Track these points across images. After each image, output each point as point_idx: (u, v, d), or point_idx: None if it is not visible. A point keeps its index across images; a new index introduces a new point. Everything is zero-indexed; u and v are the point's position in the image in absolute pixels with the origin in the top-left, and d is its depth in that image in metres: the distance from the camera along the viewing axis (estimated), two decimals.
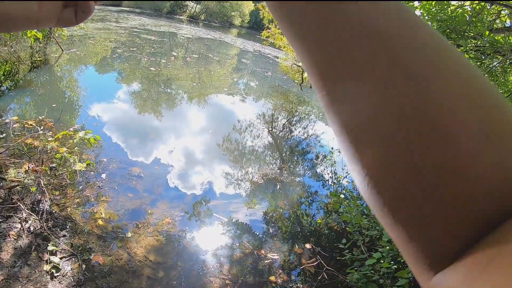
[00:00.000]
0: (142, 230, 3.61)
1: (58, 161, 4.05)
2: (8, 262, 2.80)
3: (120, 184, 4.22)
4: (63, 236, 3.22)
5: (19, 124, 4.68)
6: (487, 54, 4.18)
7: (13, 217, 3.22)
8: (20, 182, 3.60)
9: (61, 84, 7.63)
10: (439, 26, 4.48)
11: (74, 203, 3.67)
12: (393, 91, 0.20)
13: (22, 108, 5.66)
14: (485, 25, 4.68)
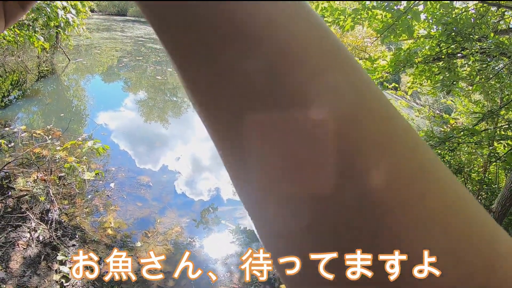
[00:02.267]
0: (152, 239, 3.58)
1: (66, 171, 4.05)
2: (17, 272, 2.78)
3: (128, 193, 4.20)
4: (72, 246, 3.20)
5: (27, 133, 4.69)
6: (493, 56, 4.15)
7: (22, 226, 3.20)
8: (29, 191, 3.60)
9: (68, 93, 7.67)
10: (444, 30, 4.46)
11: (83, 212, 3.66)
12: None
13: (30, 118, 5.69)
14: (490, 27, 4.66)
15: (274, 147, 0.16)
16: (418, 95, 19.27)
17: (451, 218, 0.15)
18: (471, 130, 3.84)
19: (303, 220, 0.16)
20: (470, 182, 5.29)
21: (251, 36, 0.16)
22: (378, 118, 0.16)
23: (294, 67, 0.16)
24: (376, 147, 0.16)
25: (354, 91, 0.17)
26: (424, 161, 0.16)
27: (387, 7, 4.44)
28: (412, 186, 0.15)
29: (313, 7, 2.01)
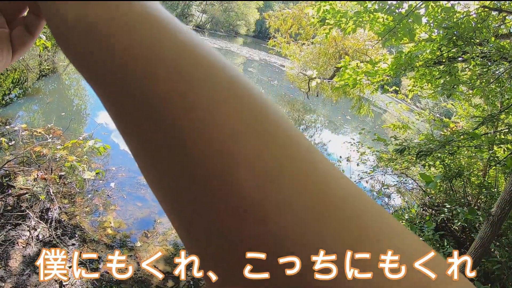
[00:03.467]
0: (151, 239, 3.58)
1: (67, 170, 4.05)
2: (17, 270, 2.78)
3: (129, 193, 4.20)
4: (72, 245, 3.20)
5: (27, 132, 4.69)
6: (494, 61, 4.16)
7: (22, 225, 3.21)
8: (29, 190, 3.60)
9: (69, 92, 7.67)
10: (445, 33, 4.46)
11: (83, 212, 3.66)
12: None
13: (30, 116, 5.69)
14: (491, 31, 4.66)
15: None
16: (418, 99, 19.28)
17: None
18: (471, 134, 3.84)
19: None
20: (469, 185, 5.29)
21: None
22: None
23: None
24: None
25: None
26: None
27: (389, 10, 4.44)
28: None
29: (315, 10, 2.02)
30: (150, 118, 0.18)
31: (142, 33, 0.19)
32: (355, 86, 5.50)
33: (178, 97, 0.18)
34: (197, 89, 0.18)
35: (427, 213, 5.46)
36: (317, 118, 12.76)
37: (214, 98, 0.18)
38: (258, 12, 42.17)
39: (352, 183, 0.18)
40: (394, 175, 6.52)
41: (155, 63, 0.19)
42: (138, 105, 0.18)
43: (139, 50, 0.19)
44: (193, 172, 0.17)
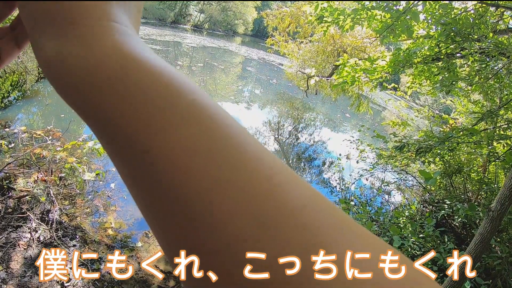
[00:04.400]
0: (152, 240, 3.59)
1: (67, 171, 4.05)
2: (18, 272, 2.79)
3: (129, 193, 4.20)
4: (73, 246, 3.21)
5: (27, 134, 4.69)
6: (492, 56, 4.16)
7: (23, 227, 3.21)
8: (30, 192, 3.60)
9: None
10: (443, 30, 4.46)
11: (83, 213, 3.66)
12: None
13: (30, 118, 5.69)
14: (489, 27, 4.66)
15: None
16: (417, 95, 19.28)
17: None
18: (470, 130, 3.85)
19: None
20: (469, 181, 5.29)
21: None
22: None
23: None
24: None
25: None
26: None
27: (386, 7, 4.44)
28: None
29: (312, 7, 2.02)
30: (121, 142, 0.20)
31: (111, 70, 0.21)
32: (353, 83, 5.50)
33: (141, 125, 0.20)
34: (156, 117, 0.20)
35: (427, 210, 5.46)
36: (317, 116, 12.75)
37: (170, 123, 0.20)
38: (256, 11, 42.12)
39: (311, 191, 0.19)
40: (394, 172, 6.52)
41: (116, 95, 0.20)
42: (107, 128, 0.20)
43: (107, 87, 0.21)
44: (154, 186, 0.19)
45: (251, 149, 0.20)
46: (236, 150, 0.19)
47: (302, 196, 0.18)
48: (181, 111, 0.20)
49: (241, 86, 14.27)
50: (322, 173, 7.35)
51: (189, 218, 0.17)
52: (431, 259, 3.92)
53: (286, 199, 0.18)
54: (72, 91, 0.21)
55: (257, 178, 0.18)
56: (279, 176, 0.19)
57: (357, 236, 0.18)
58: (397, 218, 4.74)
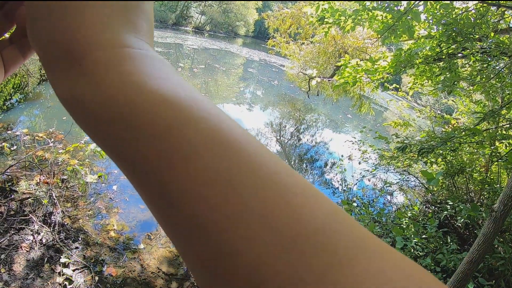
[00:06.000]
0: (154, 242, 3.59)
1: (69, 173, 4.06)
2: (21, 274, 2.79)
3: (131, 195, 4.21)
4: (75, 248, 3.21)
5: (29, 136, 4.70)
6: (493, 56, 4.15)
7: (25, 229, 3.21)
8: (32, 194, 3.60)
9: None
10: (444, 30, 4.46)
11: (86, 215, 3.67)
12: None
13: (32, 121, 5.70)
14: (490, 26, 4.65)
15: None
16: (419, 96, 19.26)
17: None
18: (472, 130, 3.84)
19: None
20: (472, 182, 5.28)
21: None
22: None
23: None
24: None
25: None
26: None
27: (388, 8, 4.44)
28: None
29: (313, 9, 2.02)
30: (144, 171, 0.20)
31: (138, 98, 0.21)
32: (355, 84, 5.50)
33: (155, 158, 0.20)
34: (170, 149, 0.20)
35: (430, 210, 5.45)
36: (318, 117, 12.75)
37: (185, 154, 0.20)
38: (257, 12, 42.14)
39: (331, 208, 0.19)
40: (396, 173, 6.51)
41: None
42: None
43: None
44: (178, 214, 0.19)
45: (268, 168, 0.20)
46: (253, 174, 0.19)
47: (322, 215, 0.18)
48: (196, 140, 0.20)
49: (243, 87, 14.28)
50: (324, 174, 7.34)
51: (214, 248, 0.18)
52: (434, 260, 3.91)
53: (305, 222, 0.18)
54: (90, 128, 0.22)
55: (277, 203, 0.18)
56: (299, 198, 0.19)
57: (376, 255, 0.17)
58: (400, 219, 4.73)
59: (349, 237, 0.18)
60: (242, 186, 0.19)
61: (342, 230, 0.18)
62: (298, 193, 0.19)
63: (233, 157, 0.20)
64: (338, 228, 0.18)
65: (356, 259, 0.16)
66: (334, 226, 0.18)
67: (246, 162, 0.20)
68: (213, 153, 0.20)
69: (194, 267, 0.19)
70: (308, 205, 0.19)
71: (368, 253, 0.17)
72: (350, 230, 0.18)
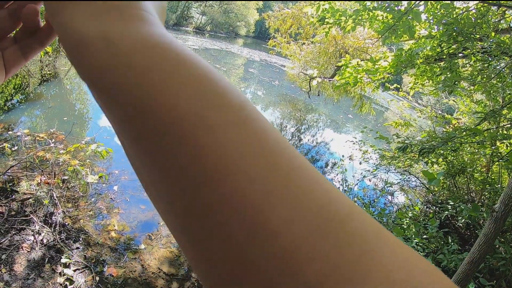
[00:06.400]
0: (155, 242, 3.59)
1: (70, 174, 4.06)
2: (22, 274, 2.79)
3: (132, 196, 4.21)
4: (76, 249, 3.21)
5: (30, 137, 4.71)
6: (494, 56, 4.15)
7: (26, 230, 3.22)
8: (33, 194, 3.61)
9: (71, 97, 7.69)
10: (445, 30, 4.45)
11: (86, 215, 3.67)
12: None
13: (33, 121, 5.71)
14: (490, 26, 4.65)
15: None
16: (420, 96, 19.24)
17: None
18: (473, 130, 3.84)
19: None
20: (473, 182, 5.28)
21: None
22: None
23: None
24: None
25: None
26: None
27: (388, 8, 4.44)
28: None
29: (314, 9, 2.02)
30: (169, 140, 0.18)
31: (160, 59, 0.20)
32: (356, 84, 5.50)
33: (197, 120, 0.18)
34: (213, 112, 0.19)
35: (431, 211, 5.45)
36: (319, 117, 12.74)
37: (228, 121, 0.19)
38: (258, 12, 42.19)
39: (350, 201, 0.18)
40: (397, 173, 6.50)
41: (172, 86, 0.19)
42: (157, 125, 0.19)
43: (157, 73, 0.20)
44: (208, 193, 0.17)
45: (294, 153, 0.19)
46: (286, 155, 0.19)
47: (348, 202, 0.18)
48: (232, 111, 0.19)
49: (244, 87, 14.28)
50: (325, 174, 7.32)
51: (251, 226, 0.16)
52: (435, 260, 3.90)
53: (336, 206, 0.17)
54: (109, 74, 0.20)
55: (311, 184, 0.18)
56: (327, 183, 0.19)
57: (397, 245, 0.17)
58: (401, 219, 4.72)
59: (374, 225, 0.17)
60: (280, 161, 0.18)
61: (366, 218, 0.18)
62: (323, 178, 0.19)
63: (266, 133, 0.19)
64: (363, 216, 0.18)
65: (384, 248, 0.16)
66: (360, 214, 0.18)
67: (278, 142, 0.19)
68: (252, 127, 0.19)
69: (216, 255, 0.17)
70: (335, 190, 0.18)
71: (391, 243, 0.17)
72: (371, 221, 0.18)
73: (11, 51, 0.35)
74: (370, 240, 0.16)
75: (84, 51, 0.21)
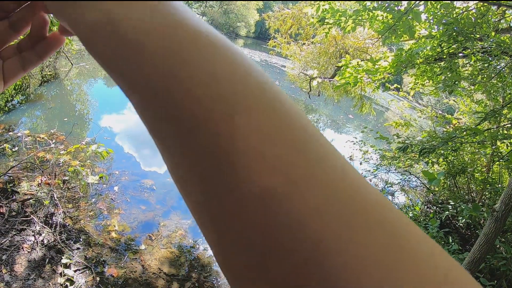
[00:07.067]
0: (155, 242, 3.59)
1: (70, 174, 4.06)
2: (22, 275, 2.79)
3: (132, 196, 4.21)
4: (76, 249, 3.21)
5: (31, 137, 4.71)
6: (494, 56, 4.14)
7: (27, 230, 3.22)
8: (33, 195, 3.61)
9: (71, 97, 7.70)
10: (445, 30, 4.45)
11: (87, 216, 3.67)
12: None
13: (33, 122, 5.71)
14: (490, 26, 4.65)
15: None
16: (420, 96, 19.22)
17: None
18: (473, 130, 3.83)
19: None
20: (473, 182, 5.27)
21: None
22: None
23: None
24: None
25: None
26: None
27: (388, 8, 4.44)
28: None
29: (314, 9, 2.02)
30: (187, 123, 0.18)
31: (173, 38, 0.20)
32: (356, 84, 5.49)
33: (219, 101, 0.18)
34: (236, 94, 0.18)
35: (431, 211, 5.44)
36: (320, 118, 12.75)
37: (250, 106, 0.18)
38: (258, 13, 42.20)
39: (376, 190, 0.18)
40: (398, 173, 6.50)
41: (184, 65, 0.19)
42: (177, 109, 0.19)
43: (171, 55, 0.19)
44: (234, 183, 0.17)
45: (322, 140, 0.19)
46: (315, 142, 0.18)
47: (374, 190, 0.18)
48: (257, 93, 0.19)
49: None
50: None
51: (277, 216, 0.16)
52: None
53: (364, 196, 0.17)
54: (118, 58, 0.20)
55: (338, 173, 0.17)
56: (354, 172, 0.18)
57: (422, 238, 0.17)
58: None
59: (399, 216, 0.17)
60: (306, 149, 0.17)
61: (391, 208, 0.17)
62: (349, 166, 0.19)
63: (295, 119, 0.19)
64: (388, 206, 0.17)
65: (411, 242, 0.16)
66: (385, 203, 0.17)
67: (305, 128, 0.19)
68: (280, 112, 0.18)
69: (239, 245, 0.17)
70: (361, 179, 0.18)
71: (416, 236, 0.17)
72: (395, 209, 0.17)
73: (12, 61, 0.35)
74: (397, 232, 0.16)
75: (91, 32, 0.21)
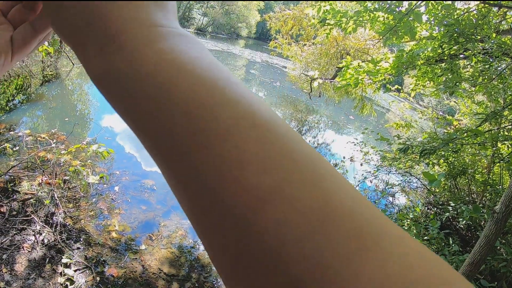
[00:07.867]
0: (156, 242, 3.59)
1: (71, 174, 4.07)
2: (22, 274, 2.80)
3: (133, 196, 4.22)
4: (77, 249, 3.21)
5: (32, 137, 4.72)
6: (495, 57, 4.14)
7: (27, 230, 3.22)
8: (34, 195, 3.61)
9: (73, 97, 7.71)
10: (446, 31, 4.45)
11: (87, 216, 3.67)
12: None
13: (34, 122, 5.72)
14: (491, 27, 4.65)
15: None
16: (421, 97, 19.21)
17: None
18: (474, 131, 3.83)
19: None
20: (474, 183, 5.27)
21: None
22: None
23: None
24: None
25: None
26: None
27: (389, 9, 4.44)
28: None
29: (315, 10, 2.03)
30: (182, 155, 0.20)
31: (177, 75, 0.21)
32: (357, 85, 5.49)
33: (186, 135, 0.20)
34: (198, 128, 0.20)
35: (432, 212, 5.44)
36: (320, 119, 12.74)
37: (219, 134, 0.20)
38: (259, 14, 42.18)
39: (356, 194, 0.19)
40: (398, 174, 6.50)
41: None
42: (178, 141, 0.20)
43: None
44: (209, 196, 0.19)
45: (298, 151, 0.20)
46: (285, 156, 0.19)
47: (349, 200, 0.18)
48: (232, 122, 0.20)
49: None
50: None
51: (236, 226, 0.18)
52: None
53: (334, 206, 0.18)
54: (121, 104, 0.22)
55: (307, 187, 0.18)
56: (328, 182, 0.19)
57: (399, 240, 0.17)
58: (402, 221, 4.72)
59: (374, 222, 0.18)
60: (274, 168, 0.19)
61: (367, 216, 0.18)
62: (327, 177, 0.19)
63: (264, 139, 0.20)
64: (364, 214, 0.18)
65: (381, 244, 0.17)
66: (360, 211, 0.18)
67: (278, 145, 0.20)
68: (247, 135, 0.19)
69: (219, 251, 0.19)
70: (336, 189, 0.19)
71: (392, 238, 0.17)
72: (374, 216, 0.18)
73: (24, 27, 0.35)
74: (369, 235, 0.17)
75: (98, 86, 0.23)
